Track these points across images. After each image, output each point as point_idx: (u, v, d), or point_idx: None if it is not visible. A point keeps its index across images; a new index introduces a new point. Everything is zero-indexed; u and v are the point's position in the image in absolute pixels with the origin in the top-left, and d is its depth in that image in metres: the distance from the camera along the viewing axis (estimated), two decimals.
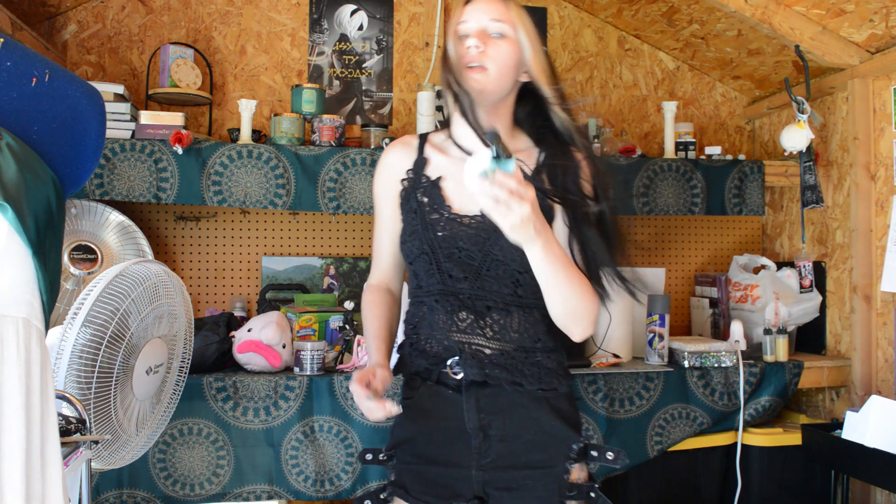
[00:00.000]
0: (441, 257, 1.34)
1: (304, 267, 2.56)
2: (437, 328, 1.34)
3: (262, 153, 2.16)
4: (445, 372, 1.33)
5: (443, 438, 1.34)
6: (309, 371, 1.95)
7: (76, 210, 2.20)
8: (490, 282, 1.32)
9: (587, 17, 2.85)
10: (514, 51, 1.33)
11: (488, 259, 1.32)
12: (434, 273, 1.34)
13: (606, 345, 2.29)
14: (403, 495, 1.35)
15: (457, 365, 1.32)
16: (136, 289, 1.35)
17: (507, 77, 1.33)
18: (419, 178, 1.40)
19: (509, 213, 1.11)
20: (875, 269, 2.30)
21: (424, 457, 1.35)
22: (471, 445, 1.32)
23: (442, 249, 1.34)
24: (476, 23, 1.32)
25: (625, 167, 2.41)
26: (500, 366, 1.30)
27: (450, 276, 1.33)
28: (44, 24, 2.42)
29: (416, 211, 1.36)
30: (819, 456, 2.06)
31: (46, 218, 0.96)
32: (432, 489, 1.33)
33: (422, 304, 1.38)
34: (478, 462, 1.31)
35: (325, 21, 2.65)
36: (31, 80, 1.01)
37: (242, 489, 1.91)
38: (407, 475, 1.37)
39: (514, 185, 1.10)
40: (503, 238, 1.22)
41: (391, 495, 1.38)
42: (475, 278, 1.32)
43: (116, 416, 1.34)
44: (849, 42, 2.30)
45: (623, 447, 2.09)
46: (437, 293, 1.34)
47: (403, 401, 1.40)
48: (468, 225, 1.33)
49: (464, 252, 1.33)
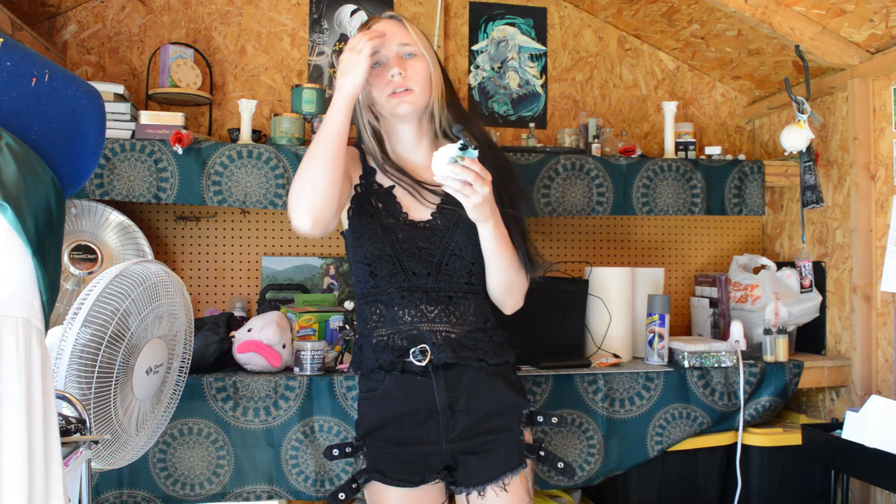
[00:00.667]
0: (403, 257, 1.48)
1: (304, 267, 2.56)
2: (401, 322, 1.47)
3: (262, 153, 2.16)
4: (409, 361, 1.46)
5: (413, 421, 1.46)
6: (309, 371, 1.95)
7: (76, 210, 2.20)
8: (449, 275, 1.49)
9: (587, 17, 2.85)
10: (426, 66, 1.50)
11: (446, 254, 1.49)
12: (398, 272, 1.48)
13: (606, 345, 2.29)
14: (380, 478, 1.45)
15: (420, 353, 1.45)
16: (136, 289, 1.35)
17: (427, 92, 1.50)
18: (371, 185, 1.54)
19: (473, 193, 1.32)
20: (875, 269, 2.30)
21: (395, 440, 1.47)
22: (439, 423, 1.46)
23: (403, 250, 1.48)
24: (387, 50, 1.48)
25: (625, 167, 2.41)
26: (467, 346, 1.47)
27: (413, 273, 1.48)
28: (44, 24, 2.42)
29: (373, 216, 1.50)
30: (819, 456, 2.06)
31: (46, 218, 0.96)
32: (407, 468, 1.46)
33: (378, 302, 1.50)
34: (447, 436, 1.46)
35: (325, 21, 2.65)
36: (30, 80, 1.01)
37: (242, 489, 1.91)
38: (381, 460, 1.47)
39: (479, 168, 1.32)
40: (457, 235, 1.49)
41: (367, 481, 1.47)
42: (437, 273, 1.48)
43: (116, 416, 1.34)
44: (849, 42, 2.30)
45: (623, 447, 2.11)
46: (405, 289, 1.47)
47: (366, 394, 1.53)
48: (424, 228, 1.50)
49: (424, 251, 1.49)
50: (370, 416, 1.50)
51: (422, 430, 1.46)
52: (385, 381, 1.48)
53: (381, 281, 1.49)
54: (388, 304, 1.49)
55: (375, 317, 1.50)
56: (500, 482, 1.45)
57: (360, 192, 1.54)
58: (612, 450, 2.10)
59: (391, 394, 1.48)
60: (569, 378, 2.08)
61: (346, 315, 2.12)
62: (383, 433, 1.48)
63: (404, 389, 1.47)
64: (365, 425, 1.51)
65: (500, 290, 1.52)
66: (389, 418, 1.47)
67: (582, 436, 2.08)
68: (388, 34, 1.47)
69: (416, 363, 1.45)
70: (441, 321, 1.47)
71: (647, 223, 2.85)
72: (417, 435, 1.46)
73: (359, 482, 1.48)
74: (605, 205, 2.40)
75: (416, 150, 1.58)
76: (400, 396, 1.47)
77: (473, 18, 2.76)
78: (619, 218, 2.81)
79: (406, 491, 1.45)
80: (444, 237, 1.49)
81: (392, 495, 1.46)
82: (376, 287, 1.50)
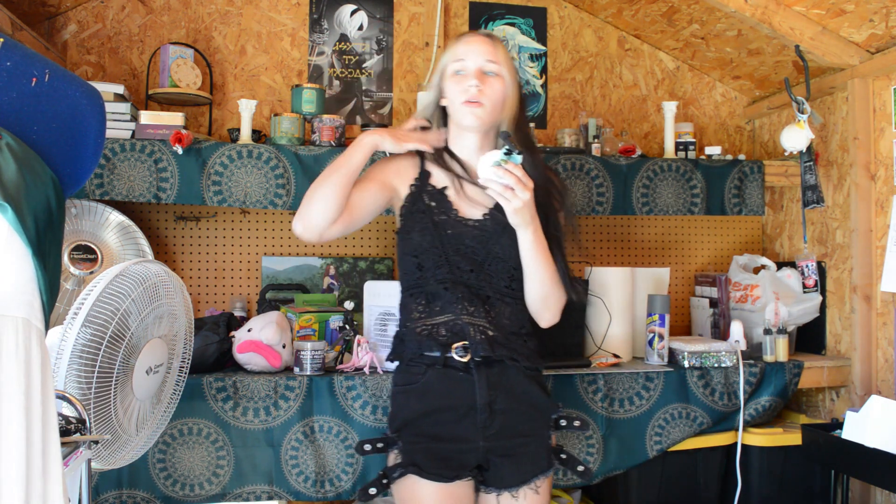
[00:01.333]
0: (450, 251, 1.55)
1: (304, 267, 2.56)
2: (444, 313, 1.53)
3: (262, 153, 2.16)
4: (451, 356, 1.51)
5: (451, 417, 1.51)
6: (309, 371, 1.95)
7: (76, 210, 2.20)
8: (490, 275, 1.56)
9: (587, 17, 2.85)
10: (503, 87, 1.58)
11: (490, 256, 1.56)
12: (444, 264, 1.54)
13: (606, 345, 2.29)
14: (417, 472, 1.48)
15: (462, 349, 1.51)
16: (137, 289, 1.35)
17: (497, 111, 1.58)
18: (425, 186, 1.62)
19: (514, 197, 1.40)
20: (875, 269, 2.30)
21: (432, 435, 1.51)
22: (476, 421, 1.50)
23: (451, 245, 1.55)
24: (472, 62, 1.56)
25: (625, 167, 2.41)
26: (503, 345, 1.53)
27: (458, 267, 1.54)
28: (44, 24, 2.42)
29: (425, 212, 1.57)
30: (819, 456, 2.06)
31: (46, 218, 0.96)
32: (443, 463, 1.49)
33: (423, 293, 1.56)
34: (483, 434, 1.50)
35: (325, 21, 2.65)
36: (30, 80, 1.01)
37: (242, 489, 1.91)
38: (417, 454, 1.50)
39: (521, 174, 1.40)
40: (503, 238, 1.55)
41: (402, 475, 1.50)
42: (479, 271, 1.55)
43: (116, 416, 1.34)
44: (849, 42, 2.30)
45: (623, 447, 2.11)
46: (448, 281, 1.53)
47: (403, 387, 1.57)
48: (472, 227, 1.57)
49: (469, 248, 1.56)
50: (408, 409, 1.54)
51: (459, 427, 1.51)
52: (426, 374, 1.53)
53: (426, 273, 1.55)
54: (433, 296, 1.55)
55: (421, 307, 1.57)
56: (532, 484, 1.52)
57: (413, 191, 1.62)
58: (611, 449, 2.10)
59: (432, 387, 1.52)
60: (569, 378, 2.08)
61: (346, 315, 2.12)
62: (419, 427, 1.52)
63: (446, 384, 1.52)
64: (401, 418, 1.54)
65: (537, 301, 1.57)
66: (428, 411, 1.51)
67: (581, 435, 2.08)
68: (476, 49, 1.57)
69: (457, 359, 1.51)
70: (480, 317, 1.53)
71: (647, 223, 2.85)
72: (455, 431, 1.50)
73: (392, 476, 1.51)
74: (605, 205, 2.40)
75: (475, 160, 1.63)
76: (441, 390, 1.52)
77: (473, 18, 2.76)
78: (619, 218, 2.81)
79: (440, 486, 1.48)
80: (490, 238, 1.56)
81: (427, 489, 1.48)
82: (422, 278, 1.56)
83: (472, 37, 1.61)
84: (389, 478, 1.51)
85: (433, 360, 1.53)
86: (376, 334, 2.01)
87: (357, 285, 2.56)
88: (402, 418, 1.54)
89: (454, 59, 1.58)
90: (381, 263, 2.61)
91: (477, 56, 1.56)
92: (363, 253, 2.61)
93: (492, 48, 1.58)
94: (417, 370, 1.54)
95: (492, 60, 1.57)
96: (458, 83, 1.56)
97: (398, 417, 1.55)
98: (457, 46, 1.59)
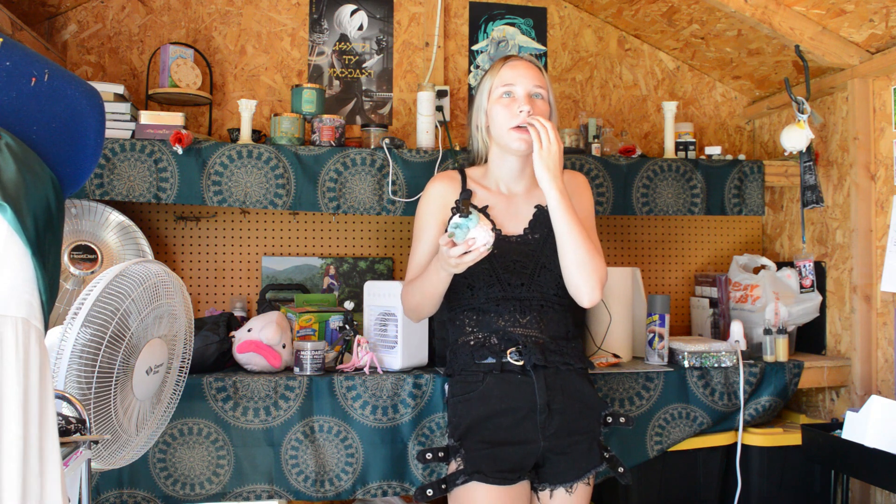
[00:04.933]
0: (499, 269, 1.62)
1: (304, 267, 2.56)
2: (495, 325, 1.61)
3: (262, 153, 2.16)
4: (508, 361, 1.58)
5: (511, 420, 1.56)
6: (309, 371, 1.95)
7: (76, 210, 2.20)
8: (540, 286, 1.64)
9: (587, 17, 2.85)
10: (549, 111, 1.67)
11: (538, 267, 1.65)
12: (495, 283, 1.62)
13: (606, 345, 2.29)
14: (482, 478, 1.52)
15: (517, 353, 1.58)
16: (137, 289, 1.35)
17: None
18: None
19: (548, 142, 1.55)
20: (875, 269, 2.30)
21: (493, 441, 1.55)
22: (537, 421, 1.56)
23: (500, 264, 1.63)
24: (521, 87, 1.64)
25: (625, 167, 2.41)
26: (554, 351, 1.61)
27: (509, 284, 1.62)
28: (44, 24, 2.42)
29: None
30: (819, 456, 2.06)
31: (46, 218, 0.96)
32: (506, 466, 1.54)
33: (472, 310, 1.65)
34: (543, 434, 1.56)
35: (325, 21, 2.65)
36: (30, 79, 1.01)
37: (242, 489, 1.91)
38: (481, 461, 1.54)
39: (550, 125, 1.57)
40: (547, 249, 1.65)
41: (466, 481, 1.53)
42: (529, 283, 1.63)
43: (116, 416, 1.34)
44: (849, 42, 2.30)
45: (623, 447, 2.11)
46: (500, 299, 1.62)
47: (461, 396, 1.61)
48: (517, 242, 1.66)
49: (518, 263, 1.64)
50: (469, 415, 1.58)
51: (520, 429, 1.56)
52: (485, 381, 1.59)
53: (478, 292, 1.63)
54: (483, 312, 1.63)
55: (472, 322, 1.65)
56: (585, 479, 1.60)
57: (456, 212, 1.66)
58: (611, 449, 2.10)
59: (492, 392, 1.58)
60: None
61: (346, 315, 2.12)
62: (480, 434, 1.56)
63: (504, 388, 1.57)
64: (463, 426, 1.58)
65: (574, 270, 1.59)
66: (489, 415, 1.56)
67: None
68: (524, 74, 1.65)
69: (513, 363, 1.58)
70: (532, 327, 1.62)
71: (647, 223, 2.85)
72: (516, 434, 1.56)
73: (456, 483, 1.53)
74: (605, 205, 2.40)
75: (517, 181, 1.73)
76: (500, 394, 1.57)
77: (473, 18, 2.76)
78: (619, 218, 2.81)
79: (503, 489, 1.52)
80: (535, 251, 1.65)
81: (490, 494, 1.52)
82: (474, 297, 1.64)
83: (518, 62, 1.67)
84: (451, 484, 1.54)
85: (490, 367, 1.59)
86: (376, 334, 2.01)
87: (357, 285, 2.56)
88: (464, 425, 1.58)
89: (502, 84, 1.65)
90: (381, 263, 2.61)
91: (526, 81, 1.64)
92: (363, 253, 2.61)
93: (538, 73, 1.66)
94: (475, 378, 1.60)
95: (539, 85, 1.65)
96: (507, 107, 1.63)
97: (461, 425, 1.59)
98: (503, 71, 1.66)
